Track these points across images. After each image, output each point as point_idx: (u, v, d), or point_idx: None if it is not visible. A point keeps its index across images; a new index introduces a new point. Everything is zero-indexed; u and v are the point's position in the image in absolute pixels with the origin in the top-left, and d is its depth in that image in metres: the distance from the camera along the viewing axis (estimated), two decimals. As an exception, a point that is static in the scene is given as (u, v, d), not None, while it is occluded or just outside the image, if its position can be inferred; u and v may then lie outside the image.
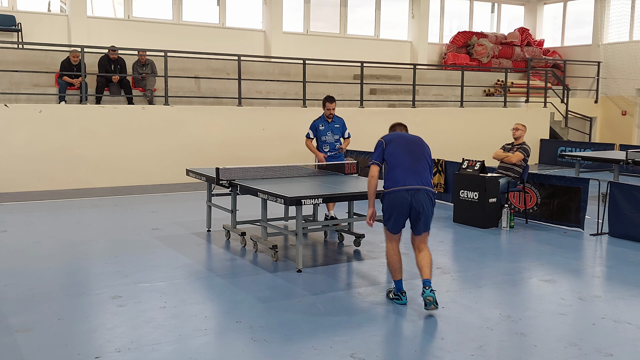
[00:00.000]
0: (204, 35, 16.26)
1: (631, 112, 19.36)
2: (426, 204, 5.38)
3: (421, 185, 5.38)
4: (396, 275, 5.50)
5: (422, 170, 5.46)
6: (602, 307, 5.42)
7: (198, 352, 4.36)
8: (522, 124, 9.16)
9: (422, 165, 5.49)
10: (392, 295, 5.55)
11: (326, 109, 8.61)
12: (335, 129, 8.76)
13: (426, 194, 5.39)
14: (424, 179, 5.43)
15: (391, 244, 5.58)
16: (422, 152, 5.56)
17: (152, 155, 12.35)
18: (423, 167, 5.47)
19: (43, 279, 6.11)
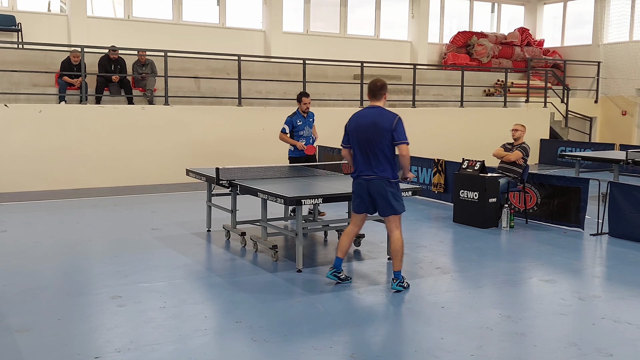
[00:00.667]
0: (204, 35, 16.26)
1: (631, 112, 19.36)
2: (381, 189, 5.70)
3: (373, 175, 5.72)
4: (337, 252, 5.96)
5: (374, 159, 5.70)
6: (602, 307, 5.42)
7: (198, 352, 4.36)
8: (521, 124, 9.16)
9: (374, 153, 5.69)
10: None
11: (303, 103, 8.98)
12: (310, 123, 9.14)
13: (380, 181, 5.70)
14: (376, 167, 5.70)
15: (351, 221, 6.08)
16: (374, 139, 5.69)
17: (152, 155, 12.35)
18: (375, 156, 5.69)
19: (43, 279, 6.11)
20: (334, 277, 5.94)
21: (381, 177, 5.70)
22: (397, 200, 5.76)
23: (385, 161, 5.70)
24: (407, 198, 10.76)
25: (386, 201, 5.72)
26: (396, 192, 5.77)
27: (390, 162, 5.74)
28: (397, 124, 5.70)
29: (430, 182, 11.01)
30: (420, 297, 5.67)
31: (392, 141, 5.69)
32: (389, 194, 5.71)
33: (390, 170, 5.74)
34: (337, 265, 5.95)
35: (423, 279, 6.25)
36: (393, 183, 5.74)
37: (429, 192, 11.00)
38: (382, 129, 5.67)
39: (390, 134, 5.66)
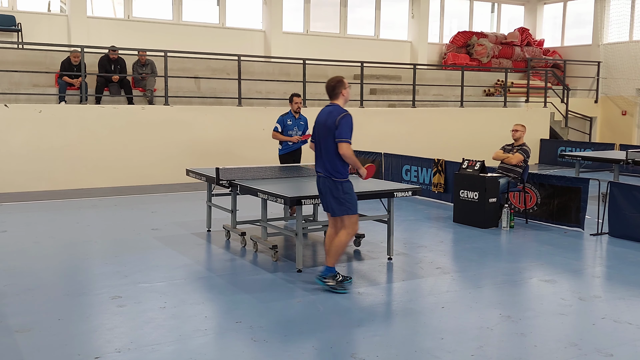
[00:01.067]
0: (204, 35, 16.26)
1: (631, 112, 19.35)
2: (326, 188, 5.67)
3: (321, 173, 5.70)
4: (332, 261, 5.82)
5: (324, 156, 5.64)
6: (602, 307, 5.42)
7: (198, 352, 4.36)
8: (521, 124, 9.16)
9: (324, 151, 5.64)
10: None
11: (294, 103, 9.15)
12: (301, 125, 9.26)
13: (325, 179, 5.67)
14: (323, 165, 5.67)
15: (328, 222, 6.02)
16: (324, 137, 5.63)
17: (152, 155, 12.34)
18: (325, 153, 5.63)
19: (43, 279, 6.11)
20: (330, 285, 5.79)
21: (326, 175, 5.64)
22: (343, 200, 5.62)
23: (333, 159, 5.57)
24: (407, 198, 10.82)
25: (333, 200, 5.65)
26: (342, 192, 5.62)
27: (337, 161, 5.57)
28: (341, 120, 5.53)
29: (430, 182, 11.01)
30: (420, 297, 5.67)
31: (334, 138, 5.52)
32: (334, 192, 5.62)
33: (337, 169, 5.59)
34: (327, 270, 5.83)
35: (423, 279, 6.25)
36: (338, 182, 5.61)
37: (429, 192, 11.00)
38: (329, 127, 5.57)
39: (335, 131, 5.53)
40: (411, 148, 13.75)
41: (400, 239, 7.85)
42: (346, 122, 5.55)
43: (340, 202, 5.63)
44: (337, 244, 5.68)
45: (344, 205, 5.64)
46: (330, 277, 5.70)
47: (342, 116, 5.57)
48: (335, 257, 5.72)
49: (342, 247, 5.71)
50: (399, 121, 15.25)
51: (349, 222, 5.68)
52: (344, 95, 5.80)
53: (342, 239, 5.67)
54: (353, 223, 5.70)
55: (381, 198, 6.84)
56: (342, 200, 5.63)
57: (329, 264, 5.72)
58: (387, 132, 14.88)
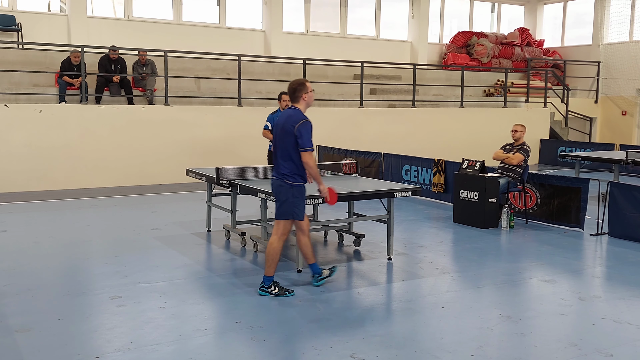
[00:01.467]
0: (204, 35, 16.26)
1: (631, 112, 19.35)
2: (276, 191, 5.61)
3: (274, 176, 5.63)
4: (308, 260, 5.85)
5: (280, 159, 5.56)
6: (602, 308, 5.42)
7: (198, 352, 4.36)
8: (521, 124, 9.16)
9: (281, 155, 5.55)
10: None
11: (282, 100, 9.26)
12: None
13: (277, 182, 5.59)
14: (277, 168, 5.59)
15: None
16: (281, 140, 5.56)
17: (152, 155, 12.35)
18: (281, 157, 5.55)
19: (43, 279, 6.11)
20: (322, 280, 5.87)
21: (279, 177, 5.56)
22: (289, 205, 5.52)
23: (288, 164, 5.49)
24: (407, 198, 10.82)
25: (279, 203, 5.58)
26: (291, 197, 5.51)
27: (291, 165, 5.48)
28: (301, 128, 5.40)
29: (430, 182, 11.01)
30: (421, 297, 5.67)
31: (297, 147, 5.43)
32: (283, 196, 5.53)
33: (291, 173, 5.49)
34: (316, 270, 5.87)
35: (423, 279, 6.25)
36: (289, 186, 5.50)
37: (429, 192, 11.00)
38: (287, 131, 5.46)
39: (294, 138, 5.41)
40: (411, 148, 13.75)
41: (400, 239, 7.85)
42: (306, 129, 5.41)
43: (289, 206, 5.52)
44: (269, 252, 5.55)
45: (291, 209, 5.53)
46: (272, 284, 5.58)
47: (302, 123, 5.41)
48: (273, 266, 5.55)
49: (277, 254, 5.55)
50: (399, 121, 15.25)
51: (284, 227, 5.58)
52: (305, 100, 5.59)
53: (275, 245, 5.56)
54: (288, 230, 5.62)
55: (381, 198, 6.84)
56: (291, 204, 5.52)
57: (267, 274, 5.56)
58: (387, 132, 14.89)
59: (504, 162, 8.92)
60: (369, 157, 12.36)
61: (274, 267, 5.61)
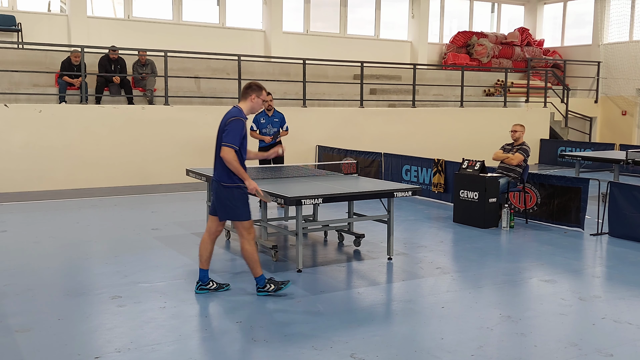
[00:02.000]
0: (204, 35, 16.26)
1: (631, 112, 19.35)
2: (215, 193, 5.49)
3: (213, 176, 5.52)
4: (199, 263, 5.71)
5: (217, 159, 5.44)
6: (602, 308, 5.42)
7: (198, 352, 4.36)
8: (520, 124, 9.16)
9: (216, 153, 5.42)
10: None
11: (263, 101, 9.23)
12: (275, 123, 9.74)
13: (215, 183, 5.48)
14: (215, 168, 5.48)
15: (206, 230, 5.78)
16: (218, 139, 5.43)
17: (152, 155, 12.35)
18: (216, 156, 5.43)
19: (43, 279, 6.11)
20: (202, 290, 5.62)
21: (216, 179, 5.45)
22: (233, 206, 5.40)
23: (222, 163, 5.35)
24: (407, 198, 10.82)
25: (221, 205, 5.46)
26: (231, 197, 5.40)
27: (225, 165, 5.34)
28: (230, 124, 5.28)
29: (430, 182, 11.01)
30: (421, 297, 5.67)
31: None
32: (223, 197, 5.42)
33: (226, 174, 5.36)
34: (202, 277, 5.65)
35: (423, 279, 6.25)
36: (226, 187, 5.38)
37: (429, 192, 11.00)
38: (221, 128, 5.38)
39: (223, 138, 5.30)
40: (411, 148, 13.75)
41: (400, 239, 7.85)
42: (235, 126, 5.28)
43: (230, 207, 5.42)
44: (245, 256, 5.49)
45: (233, 211, 5.42)
46: (267, 282, 5.54)
47: (232, 120, 5.30)
48: (256, 266, 5.49)
49: (253, 255, 5.47)
50: (399, 121, 15.25)
51: (242, 228, 5.45)
52: (252, 102, 5.48)
53: (246, 248, 5.46)
54: (247, 228, 5.45)
55: (381, 198, 6.84)
56: (232, 205, 5.41)
57: (256, 275, 5.52)
58: (387, 132, 14.88)
59: (503, 162, 8.91)
60: (369, 157, 12.36)
61: (258, 267, 5.52)
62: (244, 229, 5.47)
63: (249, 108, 5.51)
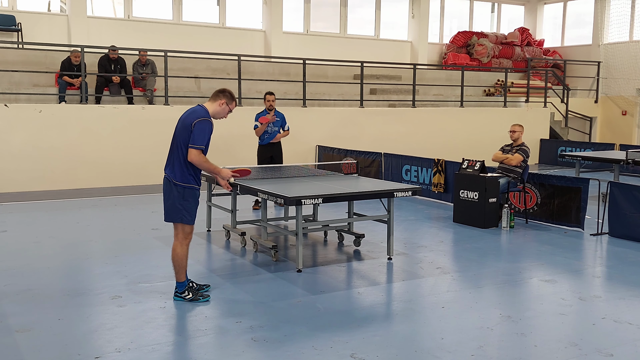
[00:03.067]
0: (204, 35, 16.26)
1: (631, 112, 19.35)
2: (164, 190, 5.34)
3: (165, 173, 5.34)
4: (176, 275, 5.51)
5: (174, 157, 5.30)
6: (602, 307, 5.42)
7: (198, 352, 4.36)
8: (518, 124, 9.17)
9: (175, 151, 5.28)
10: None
11: (266, 100, 9.76)
12: (276, 122, 9.81)
13: (166, 181, 5.32)
14: (170, 166, 5.31)
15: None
16: (176, 135, 5.30)
17: (152, 155, 12.33)
18: (176, 154, 5.27)
19: (43, 279, 6.11)
20: (179, 299, 5.43)
21: (168, 176, 5.30)
22: (180, 207, 5.26)
23: (179, 162, 5.22)
24: (407, 198, 10.82)
25: (170, 205, 5.29)
26: (181, 198, 5.25)
27: (182, 165, 5.22)
28: (197, 125, 5.13)
29: (430, 182, 11.01)
30: (421, 297, 5.67)
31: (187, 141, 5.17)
32: (174, 197, 5.25)
33: (182, 173, 5.23)
34: (180, 286, 5.45)
35: (423, 279, 6.25)
36: (180, 186, 5.24)
37: (429, 192, 11.00)
38: (185, 126, 5.20)
39: (189, 133, 5.16)
40: (411, 148, 13.75)
41: (400, 239, 7.85)
42: (202, 127, 5.15)
43: (177, 208, 5.25)
44: (174, 258, 5.35)
45: (179, 212, 5.26)
46: (186, 290, 5.44)
47: (199, 120, 5.16)
48: (181, 271, 5.38)
49: (182, 261, 5.35)
50: (399, 121, 15.25)
51: (182, 231, 5.33)
52: (220, 107, 5.35)
53: (178, 251, 5.34)
54: (187, 233, 5.35)
55: (381, 198, 6.84)
56: (179, 206, 5.25)
57: (179, 280, 5.40)
58: (387, 132, 14.88)
59: (503, 162, 8.92)
60: (369, 157, 12.36)
61: (183, 273, 5.39)
62: (184, 233, 5.34)
63: (214, 112, 5.35)
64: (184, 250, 5.38)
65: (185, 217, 5.30)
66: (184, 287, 5.45)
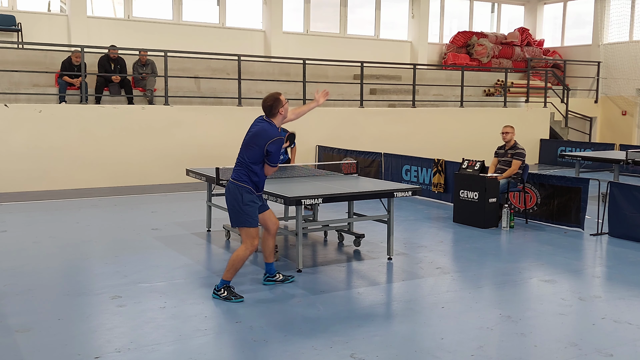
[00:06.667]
0: (204, 35, 16.26)
1: (631, 112, 19.35)
2: (227, 196, 5.59)
3: (231, 179, 5.60)
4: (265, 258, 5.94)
5: (242, 165, 5.55)
6: (602, 307, 5.42)
7: (198, 352, 4.36)
8: (510, 125, 9.23)
9: (247, 159, 5.53)
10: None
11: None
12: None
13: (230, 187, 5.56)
14: (237, 172, 5.56)
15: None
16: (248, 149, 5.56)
17: (152, 155, 12.35)
18: (245, 163, 5.53)
19: (43, 279, 6.11)
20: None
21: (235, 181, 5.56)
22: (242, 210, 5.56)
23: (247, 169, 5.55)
24: (407, 198, 10.82)
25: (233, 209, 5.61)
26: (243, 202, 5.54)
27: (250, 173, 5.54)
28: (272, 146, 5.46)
29: (430, 182, 11.01)
30: (421, 297, 5.67)
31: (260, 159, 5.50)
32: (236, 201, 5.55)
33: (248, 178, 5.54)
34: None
35: (423, 279, 6.25)
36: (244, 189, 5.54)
37: (429, 192, 11.00)
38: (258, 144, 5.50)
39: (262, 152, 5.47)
40: (411, 148, 13.75)
41: (400, 239, 7.85)
42: (277, 148, 5.47)
43: (240, 212, 5.50)
44: (234, 259, 5.50)
45: (242, 215, 5.49)
46: (223, 288, 5.52)
47: (272, 142, 5.44)
48: (232, 272, 5.51)
49: (240, 263, 5.51)
50: (399, 121, 15.25)
51: (247, 235, 5.53)
52: (282, 113, 5.64)
53: (240, 254, 5.50)
54: (252, 237, 5.52)
55: (381, 198, 6.84)
56: (242, 210, 5.49)
57: (225, 277, 5.52)
58: (387, 132, 14.89)
59: (503, 165, 8.94)
60: (369, 157, 12.37)
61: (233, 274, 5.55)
62: (250, 238, 5.52)
63: (280, 120, 5.69)
64: (246, 254, 5.54)
65: (248, 221, 5.52)
66: (223, 285, 5.53)
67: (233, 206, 5.53)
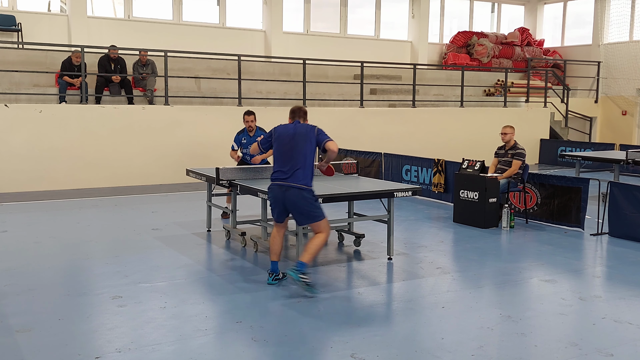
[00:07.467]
0: (204, 35, 16.26)
1: (631, 112, 19.36)
2: (297, 201, 5.70)
3: (291, 183, 5.71)
4: (271, 256, 5.98)
5: (299, 166, 5.73)
6: (602, 307, 5.42)
7: (198, 352, 4.36)
8: (509, 125, 9.22)
9: (300, 160, 5.75)
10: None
11: (245, 121, 8.92)
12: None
13: (296, 191, 5.70)
14: (294, 176, 5.71)
15: (275, 227, 6.06)
16: (300, 146, 5.78)
17: (152, 155, 12.35)
18: (301, 163, 5.74)
19: (43, 279, 6.11)
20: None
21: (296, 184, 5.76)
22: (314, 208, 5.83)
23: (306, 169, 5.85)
24: (408, 198, 10.82)
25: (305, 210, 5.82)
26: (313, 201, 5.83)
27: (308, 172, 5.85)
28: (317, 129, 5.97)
29: (430, 182, 11.01)
30: (421, 297, 5.67)
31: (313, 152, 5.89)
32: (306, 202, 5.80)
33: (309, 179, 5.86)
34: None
35: (423, 279, 6.25)
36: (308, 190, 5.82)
37: (429, 192, 11.00)
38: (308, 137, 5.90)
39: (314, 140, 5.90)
40: (411, 148, 13.75)
41: (400, 239, 7.85)
42: (321, 129, 5.97)
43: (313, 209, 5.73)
44: (316, 243, 5.71)
45: (315, 212, 5.74)
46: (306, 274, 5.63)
47: (317, 128, 5.95)
48: (313, 255, 5.73)
49: (319, 247, 5.74)
50: (399, 121, 15.25)
51: (324, 225, 5.77)
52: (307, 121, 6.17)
53: (321, 240, 5.73)
54: (328, 224, 5.82)
55: (381, 198, 6.84)
56: (315, 207, 5.75)
57: (305, 259, 5.65)
58: (387, 132, 14.89)
59: (503, 165, 8.94)
60: (369, 157, 12.37)
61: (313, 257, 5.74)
62: (327, 228, 5.79)
63: None
64: (325, 241, 5.78)
65: (322, 214, 5.77)
66: (305, 267, 5.61)
67: (303, 208, 5.71)
